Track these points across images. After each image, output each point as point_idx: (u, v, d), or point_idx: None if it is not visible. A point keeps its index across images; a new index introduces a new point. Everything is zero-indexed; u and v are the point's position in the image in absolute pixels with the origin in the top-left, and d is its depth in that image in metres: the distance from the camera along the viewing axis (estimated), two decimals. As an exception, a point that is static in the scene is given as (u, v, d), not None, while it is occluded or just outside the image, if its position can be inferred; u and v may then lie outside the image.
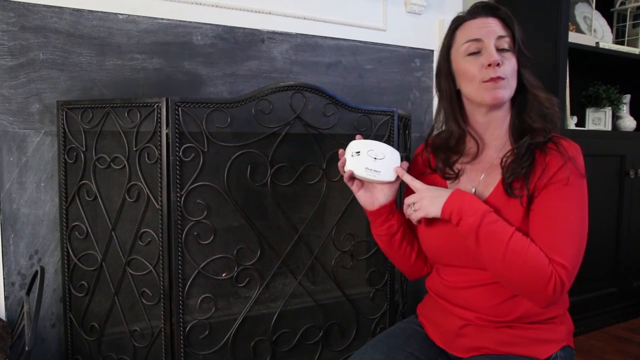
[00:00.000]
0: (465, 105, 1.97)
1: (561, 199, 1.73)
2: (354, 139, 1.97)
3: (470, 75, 1.86)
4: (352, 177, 1.96)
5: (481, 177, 1.93)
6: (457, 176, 1.99)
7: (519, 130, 1.87)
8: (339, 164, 1.97)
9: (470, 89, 1.88)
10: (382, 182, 1.94)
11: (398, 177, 1.93)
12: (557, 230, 1.71)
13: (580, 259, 1.74)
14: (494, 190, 1.85)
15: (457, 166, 2.01)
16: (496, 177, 1.87)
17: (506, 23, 1.86)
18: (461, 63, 1.89)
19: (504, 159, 1.84)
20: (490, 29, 1.84)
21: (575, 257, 1.71)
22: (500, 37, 1.83)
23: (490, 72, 1.81)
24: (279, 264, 2.61)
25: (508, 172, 1.80)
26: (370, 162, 1.89)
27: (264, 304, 2.71)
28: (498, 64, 1.80)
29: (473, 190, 1.92)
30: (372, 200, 2.00)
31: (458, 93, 1.97)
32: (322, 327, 2.74)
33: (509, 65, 1.82)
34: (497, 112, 1.91)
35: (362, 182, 1.99)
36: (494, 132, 1.94)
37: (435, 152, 2.06)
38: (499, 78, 1.81)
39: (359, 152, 1.90)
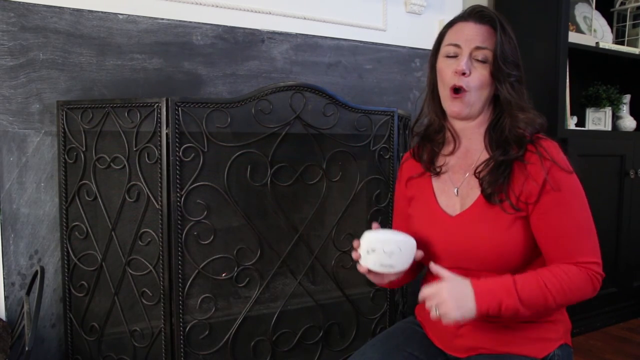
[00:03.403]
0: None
1: (560, 205, 1.75)
2: (370, 228, 1.91)
3: (443, 77, 1.91)
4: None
5: (464, 177, 1.94)
6: (440, 172, 2.00)
7: (495, 141, 1.88)
8: (354, 256, 1.91)
9: (441, 92, 1.94)
10: (397, 273, 1.91)
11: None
12: (570, 236, 1.75)
13: (599, 247, 1.78)
14: (479, 197, 1.86)
15: (441, 160, 2.03)
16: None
17: (495, 33, 1.84)
18: (440, 62, 1.94)
19: (478, 172, 1.86)
20: (472, 37, 1.85)
21: (596, 249, 1.77)
22: (478, 47, 1.84)
23: (455, 79, 1.85)
24: (279, 264, 2.62)
25: (485, 184, 1.82)
26: (386, 258, 1.84)
27: (264, 304, 2.71)
28: (464, 73, 1.83)
29: (455, 190, 1.94)
30: (382, 280, 1.97)
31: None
32: (322, 327, 2.74)
33: (478, 77, 1.84)
34: (466, 122, 1.94)
35: None
36: (470, 137, 1.97)
37: (421, 141, 2.10)
38: (462, 90, 1.85)
39: (374, 249, 1.86)
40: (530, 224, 1.80)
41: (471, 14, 1.89)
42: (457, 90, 1.86)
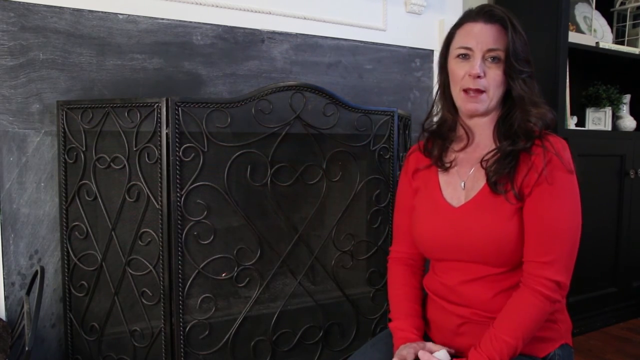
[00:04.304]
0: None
1: (548, 199, 1.77)
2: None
3: (455, 78, 1.93)
4: None
5: (470, 171, 1.96)
6: (449, 167, 2.02)
7: (504, 135, 1.91)
8: None
9: (454, 91, 1.97)
10: None
11: None
12: (546, 230, 1.77)
13: (573, 251, 1.80)
14: (483, 187, 1.88)
15: (450, 155, 2.05)
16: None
17: (505, 32, 1.86)
18: (452, 63, 1.95)
19: (484, 161, 1.89)
20: (483, 39, 1.86)
21: (565, 251, 1.78)
22: (490, 50, 1.86)
23: (470, 82, 1.87)
24: (279, 264, 2.62)
25: (491, 172, 1.85)
26: None
27: (264, 304, 2.71)
28: (479, 76, 1.85)
29: (462, 184, 1.96)
30: None
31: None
32: (322, 327, 2.74)
33: (493, 77, 1.86)
34: (480, 119, 1.96)
35: None
36: (481, 132, 1.99)
37: (431, 138, 2.12)
38: (477, 91, 1.87)
39: None
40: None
41: (480, 14, 1.90)
42: (471, 91, 1.88)
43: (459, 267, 1.92)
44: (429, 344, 1.91)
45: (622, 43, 4.60)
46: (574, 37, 3.88)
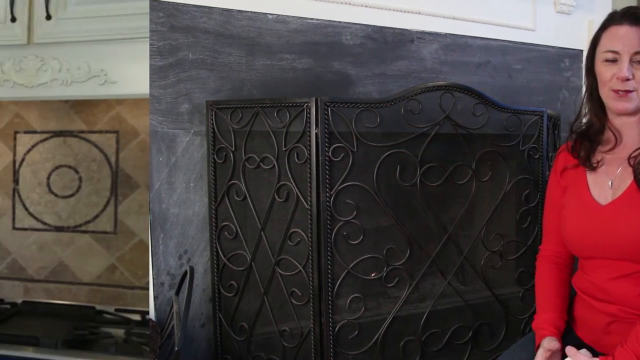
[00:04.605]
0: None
1: None
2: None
3: (603, 80, 1.94)
4: None
5: (618, 170, 1.96)
6: (596, 167, 2.03)
7: None
8: None
9: (602, 92, 1.97)
10: None
11: None
12: None
13: None
14: (630, 185, 1.89)
15: (597, 156, 2.05)
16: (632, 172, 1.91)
17: None
18: (599, 66, 1.96)
19: (632, 158, 1.89)
20: (630, 42, 1.87)
21: None
22: (637, 52, 1.86)
23: (618, 85, 1.88)
24: (429, 263, 2.60)
25: (638, 169, 1.85)
26: None
27: (413, 304, 2.69)
28: (628, 79, 1.86)
29: (610, 183, 1.97)
30: None
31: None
32: (471, 327, 2.72)
33: None
34: (629, 118, 1.96)
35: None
36: (629, 132, 1.98)
37: (578, 139, 2.12)
38: (626, 92, 1.87)
39: None
40: None
41: (625, 16, 1.91)
42: (620, 90, 1.89)
43: (606, 265, 1.92)
44: None
45: None
46: None
